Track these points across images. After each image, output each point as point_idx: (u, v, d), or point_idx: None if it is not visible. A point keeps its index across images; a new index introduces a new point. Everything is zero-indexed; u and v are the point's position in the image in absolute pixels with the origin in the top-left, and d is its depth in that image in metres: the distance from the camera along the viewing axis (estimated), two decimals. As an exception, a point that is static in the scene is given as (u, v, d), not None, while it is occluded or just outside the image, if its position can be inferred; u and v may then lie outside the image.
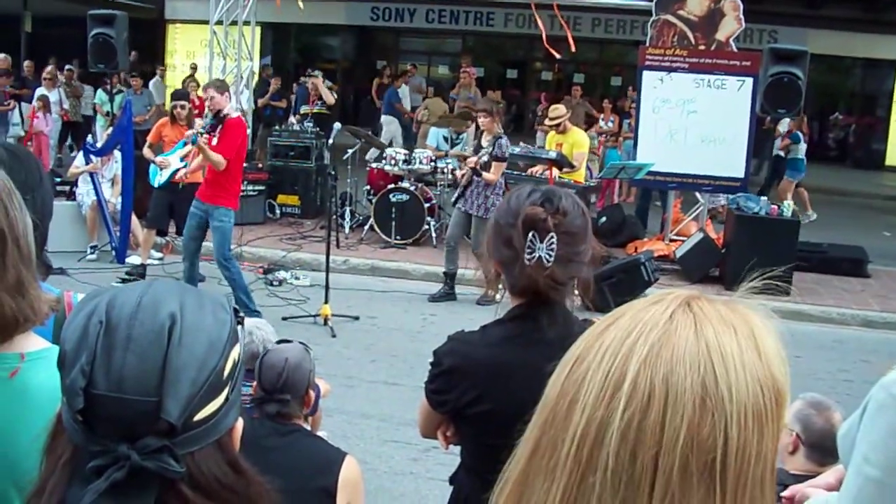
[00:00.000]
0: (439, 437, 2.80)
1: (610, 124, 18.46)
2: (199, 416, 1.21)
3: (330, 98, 14.48)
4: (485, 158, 10.32)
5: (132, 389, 1.17)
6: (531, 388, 1.21)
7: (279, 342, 3.99)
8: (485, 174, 10.27)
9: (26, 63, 20.30)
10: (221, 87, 9.24)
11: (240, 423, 1.33)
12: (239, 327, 1.30)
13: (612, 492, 1.03)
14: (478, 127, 11.66)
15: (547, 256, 2.48)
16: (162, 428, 1.17)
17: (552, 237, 2.48)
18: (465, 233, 10.68)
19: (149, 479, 1.17)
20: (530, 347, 2.49)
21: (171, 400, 1.17)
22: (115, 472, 1.15)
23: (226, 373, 1.25)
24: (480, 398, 2.55)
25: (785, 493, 2.55)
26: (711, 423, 1.01)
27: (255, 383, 3.74)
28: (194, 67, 21.02)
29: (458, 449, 2.79)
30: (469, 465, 2.73)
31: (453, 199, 10.92)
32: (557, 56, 13.63)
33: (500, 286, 2.68)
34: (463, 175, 10.74)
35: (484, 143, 10.59)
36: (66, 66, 19.59)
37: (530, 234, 2.49)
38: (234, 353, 1.27)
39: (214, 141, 8.93)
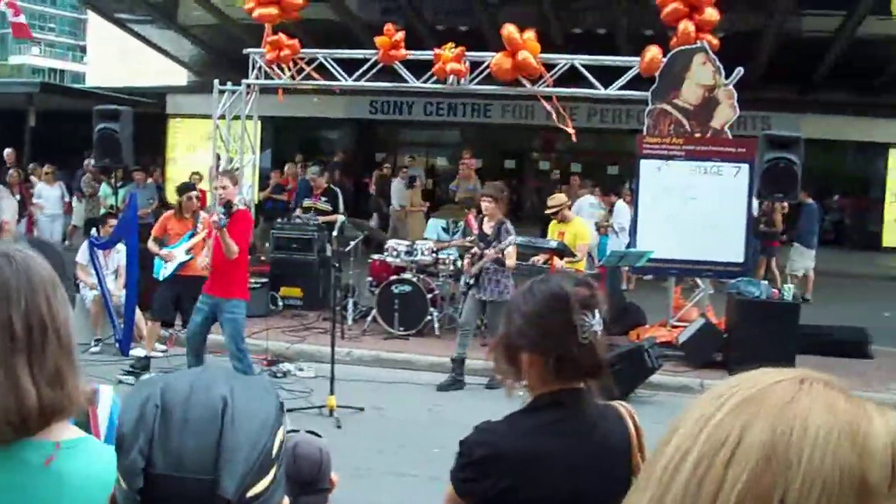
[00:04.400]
0: None
1: (602, 211, 18.56)
2: (251, 493, 1.28)
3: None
4: (509, 248, 10.50)
5: (190, 468, 1.25)
6: (568, 477, 1.27)
7: (289, 432, 4.01)
8: (508, 262, 10.47)
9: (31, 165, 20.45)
10: (234, 177, 9.42)
11: (286, 502, 1.38)
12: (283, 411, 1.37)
13: None
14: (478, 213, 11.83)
15: (600, 330, 2.60)
16: None
17: (601, 312, 2.60)
18: (477, 318, 10.96)
19: None
20: (564, 436, 2.57)
21: (227, 477, 1.24)
22: None
23: (274, 451, 1.33)
24: (514, 489, 2.57)
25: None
26: (772, 482, 1.08)
27: None
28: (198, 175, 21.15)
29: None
30: None
31: (464, 286, 11.10)
32: (571, 132, 13.80)
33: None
34: (472, 263, 10.84)
35: (487, 229, 10.70)
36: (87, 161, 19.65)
37: (586, 312, 2.58)
38: (281, 434, 1.35)
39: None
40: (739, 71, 12.58)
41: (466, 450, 2.68)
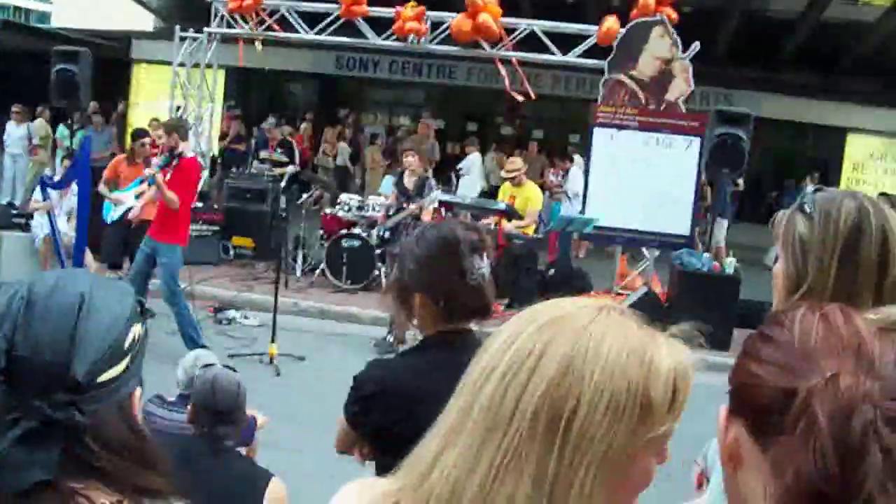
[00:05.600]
0: (356, 453, 3.00)
1: (560, 177, 18.68)
2: (102, 378, 1.44)
3: None
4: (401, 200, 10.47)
5: (47, 352, 1.41)
6: None
7: (206, 366, 4.15)
8: (424, 216, 10.56)
9: None
10: (177, 128, 9.44)
11: (138, 392, 1.56)
12: (141, 312, 1.57)
13: (483, 419, 1.28)
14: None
15: (488, 273, 2.75)
16: (70, 385, 1.40)
17: (489, 256, 2.75)
18: None
19: (58, 430, 1.39)
20: (449, 375, 2.67)
21: (78, 361, 1.41)
22: (28, 422, 1.37)
23: (126, 344, 1.49)
24: (400, 422, 2.71)
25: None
26: (567, 388, 1.24)
27: (190, 406, 3.88)
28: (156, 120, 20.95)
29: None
30: None
31: (376, 239, 11.25)
32: (520, 99, 13.89)
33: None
34: (387, 217, 10.75)
35: (408, 183, 10.69)
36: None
37: (475, 256, 2.72)
38: (135, 330, 1.52)
39: (167, 178, 9.14)
40: (696, 46, 12.72)
41: (358, 384, 2.85)
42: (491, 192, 18.49)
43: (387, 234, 10.73)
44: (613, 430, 1.23)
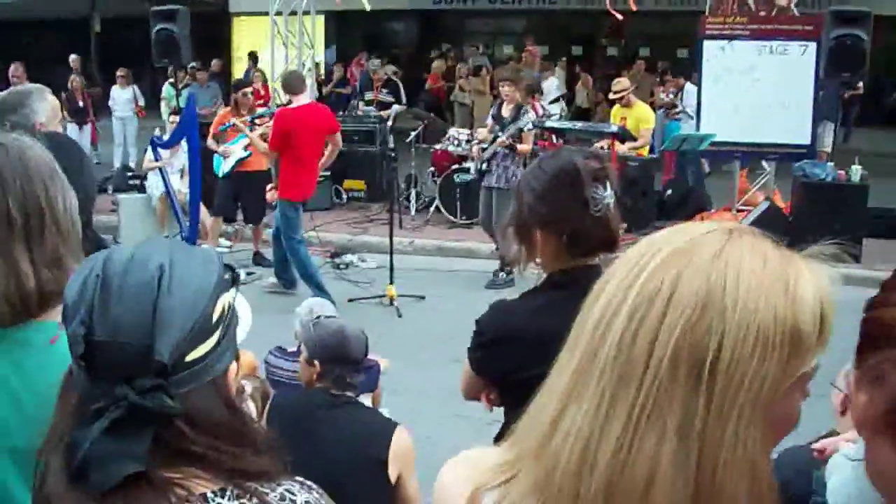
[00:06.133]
0: (483, 399, 2.89)
1: (670, 96, 18.17)
2: (190, 357, 1.33)
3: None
4: (512, 131, 10.13)
5: (126, 335, 1.29)
6: None
7: (316, 318, 4.08)
8: (520, 146, 10.14)
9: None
10: (285, 82, 9.51)
11: (234, 367, 1.43)
12: (232, 279, 1.44)
13: (611, 370, 1.14)
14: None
15: (612, 202, 2.58)
16: (155, 368, 1.28)
17: (612, 184, 2.58)
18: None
19: (146, 417, 1.28)
20: (575, 312, 2.52)
21: (161, 342, 1.29)
22: (115, 412, 1.26)
23: (215, 317, 1.37)
24: (524, 366, 2.59)
25: (816, 445, 2.57)
26: (708, 328, 1.09)
27: (302, 357, 3.82)
28: (253, 57, 21.00)
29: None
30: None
31: (475, 174, 10.71)
32: (619, 17, 13.53)
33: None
34: (485, 150, 10.45)
35: (505, 112, 10.37)
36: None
37: (598, 184, 2.55)
38: (224, 300, 1.39)
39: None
40: (805, -55, 12.16)
41: (481, 329, 2.72)
42: (580, 116, 18.14)
43: (483, 167, 10.39)
44: (764, 367, 1.09)
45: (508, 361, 2.61)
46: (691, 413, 1.09)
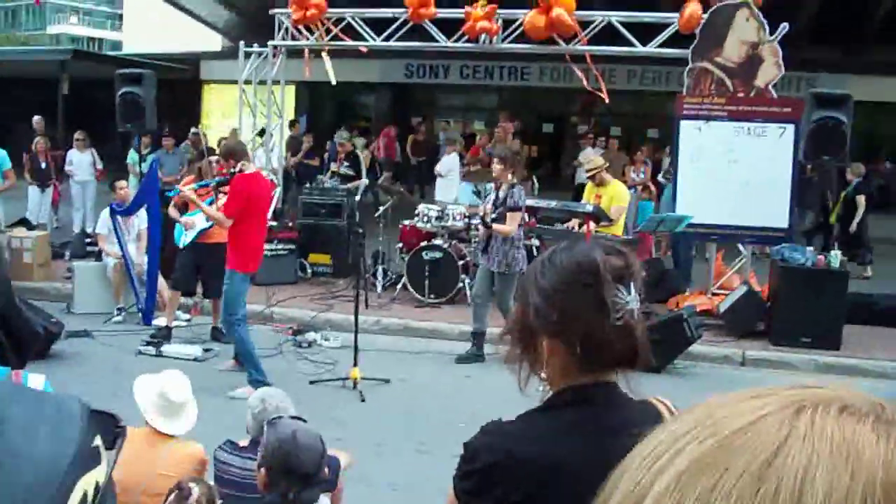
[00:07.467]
0: None
1: (641, 175, 17.98)
2: None
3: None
4: (492, 212, 9.90)
5: None
6: (594, 490, 0.84)
7: (275, 419, 3.65)
8: (496, 226, 9.75)
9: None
10: (229, 151, 9.07)
11: None
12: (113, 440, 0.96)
13: None
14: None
15: (637, 308, 2.07)
16: None
17: (638, 287, 2.09)
18: (490, 289, 10.13)
19: None
20: (591, 440, 2.03)
21: None
22: None
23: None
24: (529, 501, 2.08)
25: None
26: None
27: (262, 470, 3.38)
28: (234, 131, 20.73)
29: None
30: None
31: (480, 254, 10.50)
32: (604, 97, 13.33)
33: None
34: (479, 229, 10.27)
35: (501, 193, 10.07)
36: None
37: (620, 285, 2.05)
38: (87, 481, 0.89)
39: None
40: (784, 27, 11.99)
41: (471, 454, 2.16)
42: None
43: (482, 248, 10.20)
44: None
45: (507, 494, 2.09)
46: None
